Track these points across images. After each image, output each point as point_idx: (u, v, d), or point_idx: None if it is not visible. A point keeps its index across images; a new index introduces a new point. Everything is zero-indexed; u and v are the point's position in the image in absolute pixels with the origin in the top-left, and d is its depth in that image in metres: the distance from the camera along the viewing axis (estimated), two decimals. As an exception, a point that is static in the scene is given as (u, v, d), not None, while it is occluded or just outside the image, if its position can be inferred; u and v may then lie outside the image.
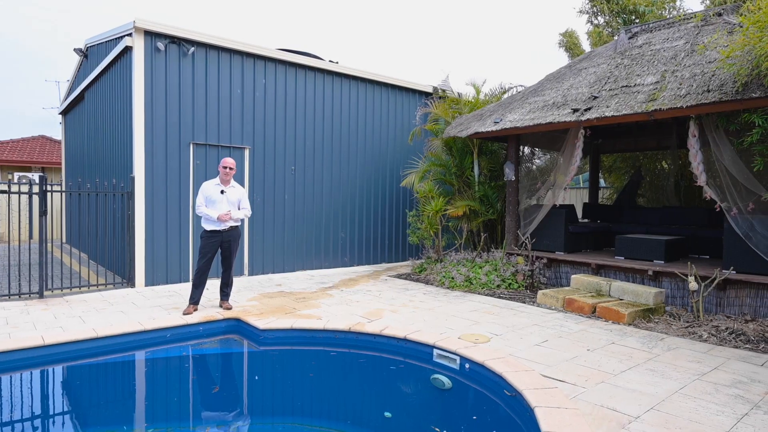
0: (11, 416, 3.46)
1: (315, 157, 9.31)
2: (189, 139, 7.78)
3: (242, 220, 6.14)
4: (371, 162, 10.10)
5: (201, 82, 7.85)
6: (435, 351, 4.65)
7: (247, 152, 8.44)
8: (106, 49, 8.85)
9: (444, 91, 10.25)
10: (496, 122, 7.79)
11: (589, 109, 6.76)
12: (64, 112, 13.64)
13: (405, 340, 4.87)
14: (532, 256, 7.46)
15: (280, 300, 6.56)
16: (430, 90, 10.44)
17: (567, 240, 7.88)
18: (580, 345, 4.71)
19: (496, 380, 3.93)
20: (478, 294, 7.09)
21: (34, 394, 3.96)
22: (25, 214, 12.34)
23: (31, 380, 4.25)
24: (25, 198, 11.62)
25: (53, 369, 4.43)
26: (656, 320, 5.73)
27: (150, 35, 7.35)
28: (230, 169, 5.90)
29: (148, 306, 6.09)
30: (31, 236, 7.49)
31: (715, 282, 5.75)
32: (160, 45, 7.38)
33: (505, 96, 9.26)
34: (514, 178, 8.23)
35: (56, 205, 12.77)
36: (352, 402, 4.09)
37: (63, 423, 3.54)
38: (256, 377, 4.59)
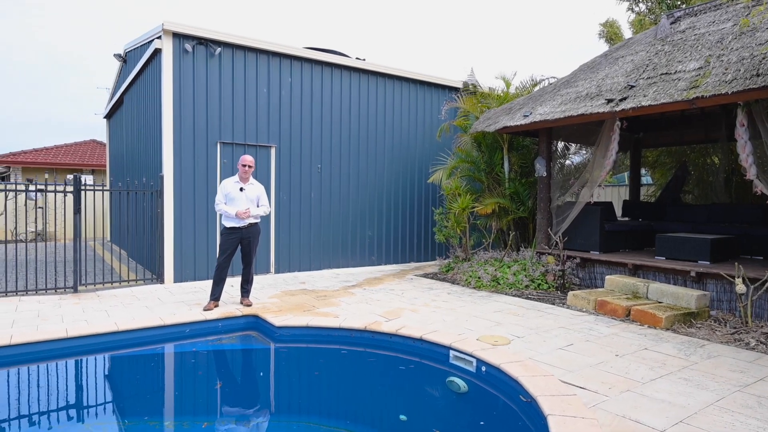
0: (31, 404, 3.54)
1: (342, 155, 9.25)
2: (216, 138, 7.89)
3: (262, 217, 6.14)
4: (399, 159, 9.95)
5: (228, 81, 7.95)
6: (451, 352, 4.45)
7: (273, 151, 8.48)
8: (140, 52, 9.13)
9: (474, 86, 9.96)
10: (525, 116, 7.46)
11: (625, 99, 6.35)
12: (108, 116, 14.24)
13: (421, 340, 4.70)
14: (563, 256, 7.10)
15: (301, 298, 6.52)
16: (458, 85, 10.18)
17: (603, 239, 7.46)
18: (608, 350, 4.38)
19: (512, 385, 3.70)
20: (505, 294, 6.80)
21: (53, 384, 4.05)
22: (70, 212, 12.94)
23: (44, 371, 4.36)
24: (69, 197, 12.21)
25: (74, 361, 4.53)
26: (698, 325, 5.29)
27: (178, 37, 7.50)
28: (249, 166, 5.91)
29: (173, 302, 6.19)
30: (80, 234, 7.80)
31: (767, 284, 5.24)
32: (188, 46, 7.52)
33: (536, 89, 8.89)
34: (545, 174, 7.87)
35: (102, 204, 13.34)
36: (362, 403, 3.96)
37: (76, 414, 3.59)
38: (262, 374, 4.54)
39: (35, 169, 19.22)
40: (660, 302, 5.80)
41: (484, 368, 4.08)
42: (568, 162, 8.93)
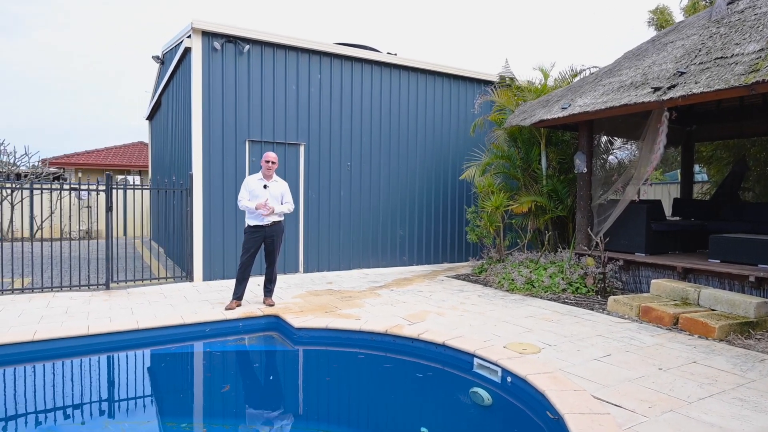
0: (41, 400, 3.54)
1: (372, 153, 9.05)
2: (245, 136, 7.87)
3: (288, 215, 6.03)
4: (432, 156, 9.66)
5: (256, 79, 7.91)
6: (475, 360, 4.15)
7: (302, 148, 8.39)
8: (175, 53, 9.27)
9: (512, 79, 9.50)
10: (563, 108, 7.01)
11: (674, 86, 5.81)
12: (150, 118, 14.66)
13: (443, 346, 4.42)
14: (605, 257, 6.61)
15: (326, 298, 6.36)
16: (493, 79, 9.73)
17: (649, 239, 6.90)
18: (651, 362, 3.96)
19: (539, 399, 3.37)
20: (540, 298, 6.39)
21: (70, 381, 4.05)
22: (117, 211, 13.38)
23: (62, 367, 4.38)
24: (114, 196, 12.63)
25: (92, 358, 4.53)
26: (758, 337, 4.74)
27: (207, 35, 7.52)
28: (272, 163, 5.80)
29: (197, 300, 6.18)
30: (125, 233, 8.01)
31: (840, 292, 4.63)
32: (217, 44, 7.52)
33: (576, 79, 8.37)
34: (585, 170, 7.38)
35: (139, 204, 13.75)
36: (376, 411, 3.73)
37: (88, 412, 3.55)
38: (272, 377, 4.37)
39: (87, 170, 20.13)
40: (713, 310, 5.26)
41: (509, 379, 3.76)
42: (611, 158, 8.36)
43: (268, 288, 6.00)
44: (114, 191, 7.08)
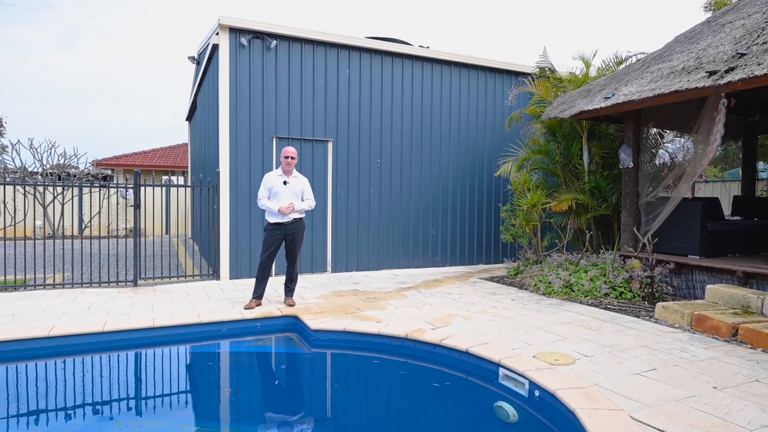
0: (46, 399, 3.47)
1: (403, 149, 8.76)
2: (272, 133, 7.76)
3: (310, 213, 5.84)
4: (466, 153, 9.25)
5: (284, 75, 7.79)
6: (500, 370, 3.78)
7: (330, 145, 8.20)
8: (206, 52, 9.31)
9: (550, 69, 8.95)
10: (606, 98, 6.47)
11: (732, 69, 5.19)
12: (188, 119, 14.96)
13: (467, 353, 4.07)
14: (653, 260, 6.02)
15: (349, 299, 6.12)
16: (529, 70, 9.18)
17: (704, 241, 6.26)
18: (704, 379, 3.46)
19: (569, 418, 2.98)
20: (579, 303, 5.90)
21: (77, 378, 3.99)
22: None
23: (70, 365, 4.33)
24: (158, 196, 12.95)
25: (101, 356, 4.47)
26: (835, 352, 4.10)
27: (235, 32, 7.46)
28: (292, 158, 5.63)
29: (219, 298, 6.08)
30: (168, 231, 8.12)
31: None
32: (244, 41, 7.45)
33: (621, 67, 7.74)
34: (632, 165, 6.79)
35: (184, 202, 14.01)
36: (388, 425, 3.43)
37: (85, 411, 3.45)
38: (278, 381, 4.13)
39: (133, 171, 20.87)
40: (780, 320, 4.63)
41: (537, 393, 3.37)
42: (661, 151, 7.70)
43: (289, 287, 5.83)
44: (142, 189, 7.12)
